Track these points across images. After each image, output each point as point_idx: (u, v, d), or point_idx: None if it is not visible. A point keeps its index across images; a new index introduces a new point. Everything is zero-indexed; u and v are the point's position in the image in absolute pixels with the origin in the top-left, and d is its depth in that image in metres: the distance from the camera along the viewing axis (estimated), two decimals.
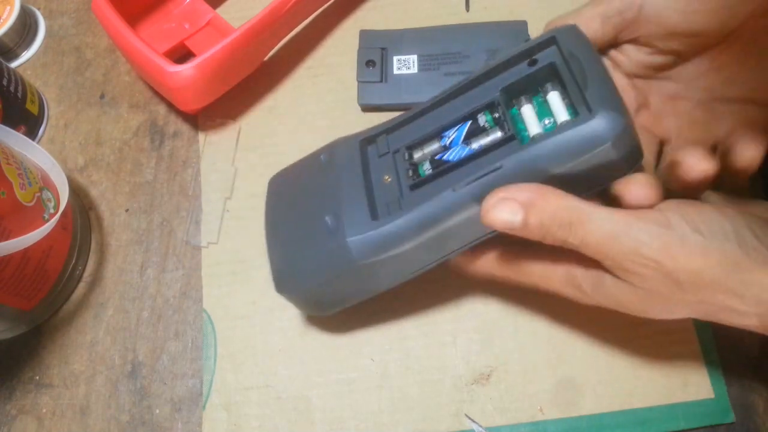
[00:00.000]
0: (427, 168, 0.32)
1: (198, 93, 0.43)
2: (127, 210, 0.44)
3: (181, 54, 0.47)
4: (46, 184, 0.39)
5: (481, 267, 0.34)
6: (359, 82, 0.45)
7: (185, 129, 0.46)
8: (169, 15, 0.48)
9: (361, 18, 0.48)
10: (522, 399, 0.37)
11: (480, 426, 0.37)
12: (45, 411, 0.39)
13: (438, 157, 0.32)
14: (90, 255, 0.43)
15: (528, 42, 0.31)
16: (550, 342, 0.38)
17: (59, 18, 0.51)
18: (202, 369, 0.39)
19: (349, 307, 0.36)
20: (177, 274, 0.42)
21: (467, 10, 0.48)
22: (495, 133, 0.31)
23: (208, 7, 0.47)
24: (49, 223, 0.36)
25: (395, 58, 0.45)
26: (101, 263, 0.43)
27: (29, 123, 0.45)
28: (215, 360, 0.39)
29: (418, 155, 0.33)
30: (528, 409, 0.37)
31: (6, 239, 0.34)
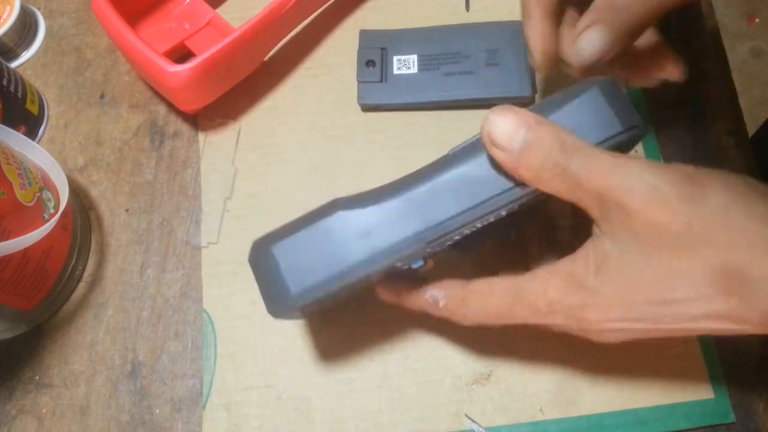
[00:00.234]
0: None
1: (198, 93, 0.43)
2: (127, 210, 0.44)
3: (181, 54, 0.47)
4: (46, 184, 0.39)
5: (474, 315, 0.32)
6: (359, 82, 0.45)
7: (185, 129, 0.46)
8: (169, 15, 0.48)
9: (361, 18, 0.48)
10: (522, 399, 0.37)
11: (480, 426, 0.37)
12: (45, 411, 0.39)
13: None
14: (90, 255, 0.43)
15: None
16: (550, 342, 0.38)
17: (59, 18, 0.51)
18: (202, 369, 0.39)
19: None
20: (177, 274, 0.42)
21: (467, 10, 0.48)
22: None
23: (208, 7, 0.47)
24: (49, 223, 0.36)
25: (395, 58, 0.45)
26: (101, 263, 0.43)
27: (29, 123, 0.45)
28: (215, 360, 0.39)
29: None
30: (528, 409, 0.37)
31: (6, 239, 0.34)
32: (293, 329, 0.40)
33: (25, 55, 0.50)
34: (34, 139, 0.45)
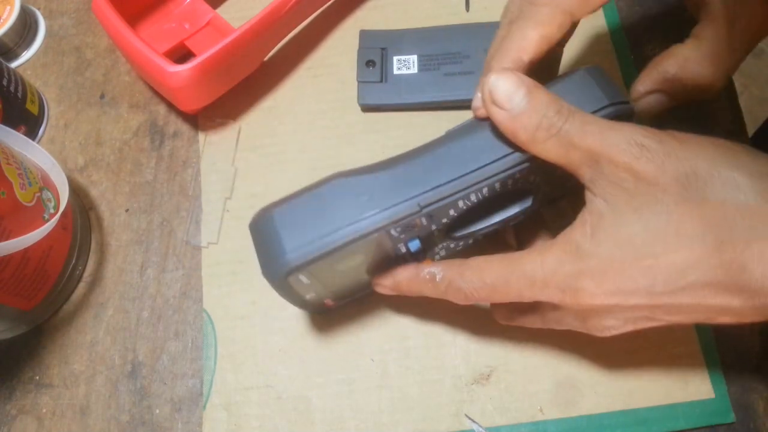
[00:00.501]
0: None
1: (198, 93, 0.43)
2: (127, 210, 0.44)
3: (181, 54, 0.47)
4: (46, 184, 0.39)
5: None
6: (359, 82, 0.45)
7: (185, 129, 0.46)
8: (169, 15, 0.48)
9: (361, 18, 0.48)
10: (522, 399, 0.37)
11: (480, 426, 0.37)
12: (45, 411, 0.39)
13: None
14: (90, 255, 0.43)
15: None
16: (550, 342, 0.38)
17: (59, 18, 0.51)
18: (202, 369, 0.39)
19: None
20: (177, 274, 0.42)
21: (467, 10, 0.48)
22: None
23: (208, 7, 0.47)
24: (49, 223, 0.36)
25: (395, 58, 0.45)
26: (101, 263, 0.43)
27: (29, 123, 0.45)
28: (215, 360, 0.39)
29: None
30: (528, 409, 0.37)
31: (6, 239, 0.34)
32: (293, 329, 0.40)
33: (25, 55, 0.50)
34: (34, 139, 0.45)
